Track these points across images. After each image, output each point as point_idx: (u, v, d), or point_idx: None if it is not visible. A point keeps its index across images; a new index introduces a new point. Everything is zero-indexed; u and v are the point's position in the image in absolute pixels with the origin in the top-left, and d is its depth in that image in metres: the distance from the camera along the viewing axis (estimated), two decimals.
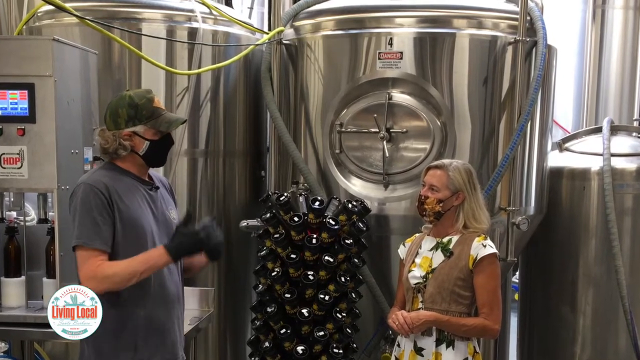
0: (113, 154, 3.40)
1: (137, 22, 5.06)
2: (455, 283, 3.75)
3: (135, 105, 3.36)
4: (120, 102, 3.39)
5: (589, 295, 5.43)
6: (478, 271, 3.75)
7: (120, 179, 3.37)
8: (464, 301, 3.78)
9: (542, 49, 4.79)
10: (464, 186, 3.83)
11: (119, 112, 3.37)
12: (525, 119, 4.75)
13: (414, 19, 4.80)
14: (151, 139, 3.42)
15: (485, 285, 3.75)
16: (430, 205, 3.84)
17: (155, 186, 3.53)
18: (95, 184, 3.27)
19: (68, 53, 3.95)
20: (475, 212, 3.85)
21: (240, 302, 5.70)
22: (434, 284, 3.79)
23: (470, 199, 3.84)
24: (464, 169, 3.87)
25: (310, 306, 4.38)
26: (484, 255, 3.74)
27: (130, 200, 3.34)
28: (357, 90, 4.83)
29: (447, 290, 3.76)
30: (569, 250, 5.47)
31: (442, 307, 3.77)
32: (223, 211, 5.48)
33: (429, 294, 3.79)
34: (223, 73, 5.36)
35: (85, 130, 4.12)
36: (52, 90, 3.72)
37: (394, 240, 4.75)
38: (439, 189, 3.84)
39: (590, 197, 5.36)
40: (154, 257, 3.28)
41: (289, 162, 5.16)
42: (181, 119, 3.53)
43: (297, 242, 4.41)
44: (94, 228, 3.22)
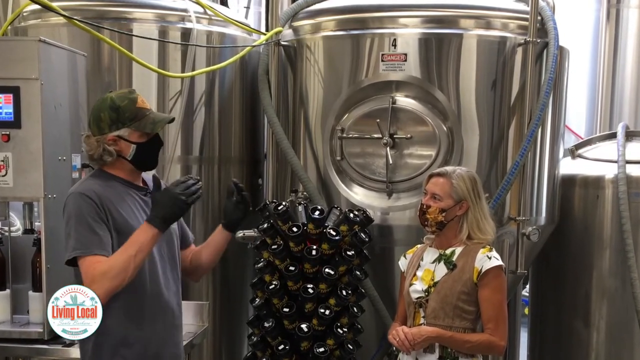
0: (99, 160, 3.41)
1: (128, 23, 5.07)
2: (458, 297, 3.74)
3: (116, 107, 3.36)
4: (102, 105, 3.40)
5: (603, 309, 5.41)
6: (483, 285, 3.74)
7: (111, 186, 3.38)
8: (468, 316, 3.77)
9: (554, 51, 4.79)
10: (468, 195, 3.82)
11: (101, 116, 3.37)
12: (535, 124, 4.75)
13: (419, 19, 4.80)
14: (137, 141, 3.42)
15: (491, 300, 3.74)
16: (432, 215, 3.84)
17: (149, 191, 3.54)
18: (85, 192, 3.28)
19: (55, 55, 3.97)
20: (479, 222, 3.84)
21: (236, 317, 5.70)
22: (436, 299, 3.78)
23: (474, 208, 3.84)
24: (467, 176, 3.87)
25: (309, 321, 4.38)
26: (489, 267, 3.73)
27: (122, 207, 3.35)
28: (359, 94, 4.84)
29: (450, 305, 3.75)
30: (581, 262, 5.46)
31: (445, 323, 3.76)
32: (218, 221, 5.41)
33: (431, 309, 3.79)
34: (218, 76, 5.37)
35: (73, 136, 4.13)
36: (39, 94, 3.74)
37: (398, 252, 4.74)
38: (441, 197, 3.83)
39: (604, 206, 5.35)
40: (139, 234, 3.28)
41: (287, 170, 5.15)
42: (167, 117, 3.53)
43: (296, 253, 4.40)
44: (90, 235, 3.23)
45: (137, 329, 3.41)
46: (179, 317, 3.66)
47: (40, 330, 3.91)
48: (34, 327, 3.98)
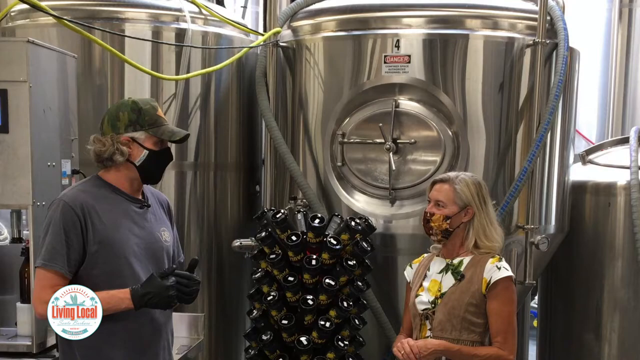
0: (108, 160, 3.39)
1: (120, 23, 5.07)
2: (466, 309, 3.73)
3: (138, 109, 3.39)
4: (122, 106, 3.42)
5: (614, 322, 5.41)
6: (492, 296, 3.72)
7: (103, 195, 3.37)
8: (477, 329, 3.76)
9: (564, 52, 4.80)
10: (473, 200, 3.80)
11: (119, 115, 3.39)
12: (545, 128, 4.75)
13: (423, 19, 4.80)
14: (151, 148, 3.42)
15: (500, 312, 3.72)
16: (437, 223, 3.82)
17: (146, 204, 3.52)
18: (71, 201, 3.28)
19: (44, 56, 3.96)
20: (486, 228, 3.81)
21: (233, 329, 5.70)
22: (443, 311, 3.76)
23: (480, 214, 3.81)
24: (472, 181, 3.84)
25: (309, 334, 4.37)
26: (498, 278, 3.70)
27: (109, 219, 3.34)
28: (361, 97, 4.84)
29: (457, 318, 3.73)
30: (593, 272, 5.45)
31: (453, 336, 3.74)
32: (214, 230, 5.48)
33: (437, 321, 3.77)
34: (214, 78, 5.37)
35: (63, 141, 4.12)
36: (27, 97, 3.73)
37: (401, 262, 4.75)
38: (445, 204, 3.82)
39: (616, 214, 5.35)
40: (115, 299, 3.27)
41: (286, 176, 5.16)
42: (184, 132, 3.55)
43: (295, 263, 4.40)
44: (59, 250, 3.24)
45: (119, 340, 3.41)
46: (169, 332, 3.65)
47: (28, 344, 3.89)
48: (22, 340, 3.95)
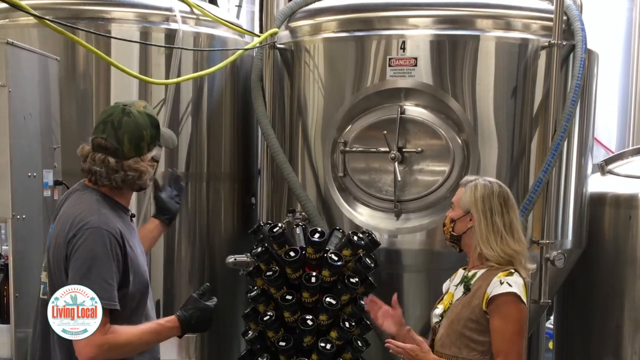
0: (129, 185, 3.37)
1: (106, 23, 5.08)
2: (465, 325, 3.69)
3: (157, 124, 3.36)
4: (140, 121, 3.33)
5: (636, 343, 5.41)
6: (492, 313, 3.66)
7: (119, 216, 3.36)
8: (477, 347, 3.70)
9: (581, 54, 4.80)
10: (473, 205, 3.76)
11: (143, 134, 3.32)
12: (561, 136, 4.75)
13: (430, 19, 4.81)
14: (157, 160, 3.44)
15: (500, 330, 3.65)
16: (446, 226, 3.86)
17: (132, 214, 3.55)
18: (110, 228, 3.23)
19: (25, 59, 3.97)
20: (489, 237, 3.72)
21: (227, 352, 5.69)
22: (445, 325, 3.76)
23: (481, 221, 3.75)
24: (483, 185, 3.78)
25: (308, 356, 4.37)
26: (497, 294, 3.63)
27: (130, 240, 3.34)
28: (364, 103, 4.85)
29: (456, 333, 3.70)
30: (612, 290, 5.46)
31: (452, 352, 3.71)
32: (207, 244, 5.48)
33: (439, 336, 3.77)
34: (207, 83, 5.37)
35: (45, 149, 4.13)
36: (6, 103, 3.74)
37: (407, 279, 4.76)
38: (454, 207, 3.85)
39: (637, 227, 5.36)
40: (165, 331, 3.39)
41: (283, 187, 5.16)
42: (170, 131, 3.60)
43: (294, 281, 4.40)
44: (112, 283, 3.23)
45: None
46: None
47: None
48: None
